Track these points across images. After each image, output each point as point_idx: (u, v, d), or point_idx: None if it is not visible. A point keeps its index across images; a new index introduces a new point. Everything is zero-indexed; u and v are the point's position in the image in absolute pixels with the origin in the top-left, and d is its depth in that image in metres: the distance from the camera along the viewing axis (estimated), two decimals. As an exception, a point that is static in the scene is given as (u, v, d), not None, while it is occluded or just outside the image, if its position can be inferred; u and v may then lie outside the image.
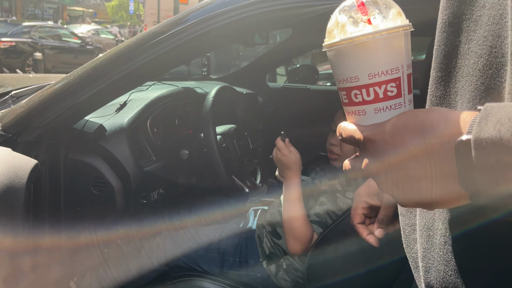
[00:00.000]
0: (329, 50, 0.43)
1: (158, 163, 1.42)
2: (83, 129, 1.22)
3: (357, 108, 0.43)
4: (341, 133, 0.45)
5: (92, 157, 1.25)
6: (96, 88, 1.13)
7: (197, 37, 1.07)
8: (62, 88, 1.15)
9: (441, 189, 0.36)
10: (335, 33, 0.42)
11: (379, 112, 0.42)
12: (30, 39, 10.11)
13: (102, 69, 1.13)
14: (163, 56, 1.10)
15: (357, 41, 0.41)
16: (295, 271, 1.38)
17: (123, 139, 1.27)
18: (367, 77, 0.41)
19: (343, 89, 0.44)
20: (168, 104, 1.56)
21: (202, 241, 1.50)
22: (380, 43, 0.41)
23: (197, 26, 1.07)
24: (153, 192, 1.41)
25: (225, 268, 1.45)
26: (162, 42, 1.09)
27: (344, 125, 0.44)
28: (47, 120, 1.13)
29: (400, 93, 0.42)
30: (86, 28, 17.32)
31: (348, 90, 0.43)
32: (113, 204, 1.26)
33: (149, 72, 1.19)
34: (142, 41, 1.11)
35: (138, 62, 1.10)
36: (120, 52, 1.14)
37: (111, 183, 1.25)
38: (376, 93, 0.42)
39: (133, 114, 1.37)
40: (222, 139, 1.46)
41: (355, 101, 0.43)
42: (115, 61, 1.13)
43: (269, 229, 1.43)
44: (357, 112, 0.43)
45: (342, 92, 0.44)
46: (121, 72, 1.12)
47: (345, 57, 0.42)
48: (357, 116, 0.43)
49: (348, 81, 0.42)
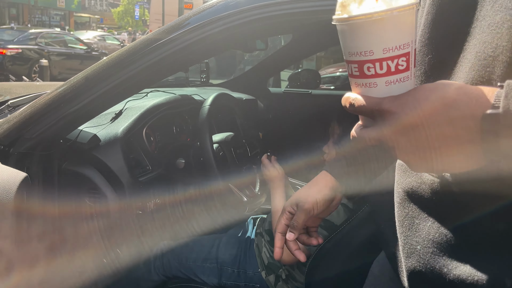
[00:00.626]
0: (343, 23, 0.45)
1: (154, 173, 1.40)
2: (77, 139, 1.20)
3: (369, 81, 0.45)
4: (352, 103, 0.46)
5: (86, 168, 1.23)
6: (90, 98, 1.11)
7: (194, 43, 1.05)
8: (55, 98, 1.13)
9: (457, 154, 0.41)
10: (352, 7, 0.44)
11: (390, 85, 0.44)
12: (37, 46, 10.17)
13: (96, 77, 1.11)
14: (158, 63, 1.07)
15: (376, 16, 0.42)
16: (294, 281, 1.35)
17: (117, 149, 1.26)
18: (381, 51, 0.43)
19: (354, 62, 0.45)
20: (165, 112, 1.55)
21: (200, 251, 1.47)
22: (396, 19, 0.43)
23: (194, 32, 1.04)
24: (149, 202, 1.39)
25: (224, 279, 1.42)
26: (158, 49, 1.07)
27: (355, 96, 0.46)
28: (39, 131, 1.11)
29: (409, 67, 0.45)
30: (92, 34, 17.45)
31: (361, 63, 0.44)
32: (108, 216, 1.24)
33: (145, 80, 1.17)
34: (137, 48, 1.09)
35: (134, 69, 1.08)
36: (114, 60, 1.12)
37: (106, 194, 1.23)
38: (389, 67, 0.44)
39: (128, 123, 1.35)
40: (219, 147, 1.43)
41: (367, 74, 0.45)
42: (109, 69, 1.11)
43: (268, 239, 1.41)
44: (368, 85, 0.45)
45: (353, 65, 0.46)
46: (116, 80, 1.10)
47: (361, 31, 0.44)
48: (367, 88, 0.45)
49: (361, 55, 0.44)
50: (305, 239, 0.86)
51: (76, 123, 1.17)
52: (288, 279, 1.36)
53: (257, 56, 4.69)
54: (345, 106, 0.48)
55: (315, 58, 12.70)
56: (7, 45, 9.60)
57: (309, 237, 0.87)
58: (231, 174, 1.44)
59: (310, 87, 2.83)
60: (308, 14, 0.99)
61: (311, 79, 2.99)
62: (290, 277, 1.36)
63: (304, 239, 0.86)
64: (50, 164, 1.21)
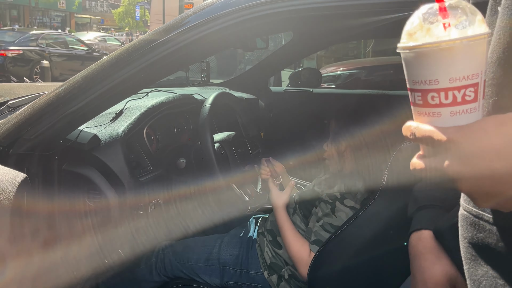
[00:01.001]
0: (409, 52, 0.44)
1: (155, 173, 1.39)
2: (77, 139, 1.19)
3: (432, 110, 0.44)
4: (413, 132, 0.45)
5: (86, 169, 1.22)
6: (89, 97, 1.10)
7: (193, 41, 1.04)
8: (54, 98, 1.12)
9: None
10: (418, 35, 0.43)
11: (455, 115, 0.43)
12: (38, 47, 10.17)
13: (95, 77, 1.10)
14: (158, 62, 1.06)
15: (444, 45, 0.41)
16: (297, 281, 1.34)
17: (118, 149, 1.25)
18: (448, 81, 0.42)
19: (418, 91, 0.44)
20: (166, 112, 1.54)
21: (202, 251, 1.47)
22: (466, 48, 0.42)
23: (194, 31, 1.03)
24: (150, 203, 1.38)
25: (226, 279, 1.41)
26: (157, 48, 1.05)
27: (417, 125, 0.45)
28: (39, 131, 1.10)
29: (477, 98, 0.43)
30: (93, 35, 17.46)
31: (425, 92, 0.44)
32: (109, 217, 1.23)
33: (145, 79, 1.16)
34: (137, 47, 1.08)
35: (133, 68, 1.07)
36: (113, 59, 1.11)
37: (107, 195, 1.22)
38: (455, 97, 0.43)
39: (129, 123, 1.34)
40: (220, 146, 1.42)
41: (431, 103, 0.44)
42: (109, 68, 1.10)
43: (270, 239, 1.40)
44: (432, 114, 0.44)
45: (416, 93, 0.45)
46: (115, 80, 1.08)
47: (428, 60, 0.43)
48: (430, 117, 0.44)
49: (426, 83, 0.43)
50: None
51: (76, 123, 1.16)
52: (291, 279, 1.35)
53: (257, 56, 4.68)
54: (406, 135, 0.46)
55: (315, 57, 12.70)
56: (8, 47, 9.59)
57: None
58: (232, 174, 1.43)
59: (311, 86, 2.82)
60: (308, 11, 0.98)
61: (312, 77, 2.97)
62: (292, 277, 1.35)
63: None
64: (50, 165, 1.20)
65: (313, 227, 1.26)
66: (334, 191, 1.25)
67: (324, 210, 1.24)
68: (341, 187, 1.25)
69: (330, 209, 1.23)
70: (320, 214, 1.25)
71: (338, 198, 1.23)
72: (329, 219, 1.22)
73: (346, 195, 1.23)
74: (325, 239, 1.19)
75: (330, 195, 1.25)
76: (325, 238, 1.19)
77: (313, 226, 1.26)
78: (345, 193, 1.24)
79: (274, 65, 2.55)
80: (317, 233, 1.23)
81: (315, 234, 1.23)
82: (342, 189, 1.25)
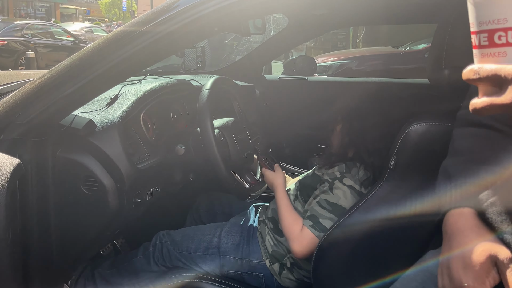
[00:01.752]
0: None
1: (153, 160, 1.34)
2: (71, 125, 1.14)
3: (498, 50, 0.45)
4: (477, 72, 0.46)
5: (81, 155, 1.17)
6: (83, 81, 1.05)
7: (186, 24, 1.00)
8: (47, 81, 1.07)
9: None
10: None
11: None
12: (23, 38, 9.94)
13: (89, 60, 1.06)
14: (153, 44, 1.02)
15: None
16: (300, 270, 1.32)
17: (114, 135, 1.20)
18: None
19: (485, 31, 0.46)
20: (162, 97, 1.49)
21: (201, 240, 1.43)
22: None
23: (186, 14, 0.99)
24: (148, 191, 1.34)
25: (226, 268, 1.38)
26: (151, 30, 1.01)
27: (481, 65, 0.46)
28: (31, 116, 1.05)
29: None
30: (79, 25, 17.15)
31: (492, 31, 0.45)
32: (106, 205, 1.19)
33: (140, 62, 1.11)
34: (132, 29, 1.03)
35: (128, 51, 1.03)
36: (108, 41, 1.06)
37: (103, 182, 1.17)
38: None
39: (125, 108, 1.29)
40: (220, 132, 1.38)
41: (497, 43, 0.45)
42: (103, 50, 1.05)
43: (271, 226, 1.37)
44: (497, 54, 0.45)
45: (482, 35, 0.46)
46: (110, 63, 1.04)
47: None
48: (495, 57, 0.45)
49: (494, 23, 0.45)
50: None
51: (70, 108, 1.11)
52: (293, 268, 1.32)
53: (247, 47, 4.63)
54: (467, 79, 0.47)
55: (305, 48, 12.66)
56: None
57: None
58: (232, 160, 1.40)
59: (306, 74, 2.78)
60: None
61: (306, 66, 2.94)
62: (295, 266, 1.32)
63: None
64: (43, 151, 1.15)
65: (309, 204, 1.26)
66: (334, 170, 1.26)
67: (322, 188, 1.25)
68: (341, 167, 1.25)
69: (328, 187, 1.24)
70: (318, 192, 1.26)
71: (338, 177, 1.24)
72: (326, 196, 1.23)
73: (346, 174, 1.23)
74: (321, 215, 1.20)
75: (330, 175, 1.26)
76: (319, 214, 1.20)
77: (309, 203, 1.26)
78: (345, 172, 1.23)
79: (268, 53, 2.50)
80: (312, 209, 1.23)
81: (310, 210, 1.23)
82: (342, 169, 1.25)
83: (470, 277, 0.60)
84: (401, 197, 1.04)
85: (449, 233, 0.66)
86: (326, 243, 1.14)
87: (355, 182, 1.23)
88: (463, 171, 0.71)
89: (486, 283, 0.59)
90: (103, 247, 1.63)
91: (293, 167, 2.31)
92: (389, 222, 1.06)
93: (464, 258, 0.61)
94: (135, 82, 1.58)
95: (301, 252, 1.20)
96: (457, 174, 0.72)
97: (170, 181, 1.45)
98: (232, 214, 1.62)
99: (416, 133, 0.99)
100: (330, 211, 1.20)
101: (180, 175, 1.46)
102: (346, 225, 1.11)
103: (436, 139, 0.97)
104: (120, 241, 1.69)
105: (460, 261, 0.62)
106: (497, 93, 0.46)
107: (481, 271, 0.59)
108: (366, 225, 1.10)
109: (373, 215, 1.09)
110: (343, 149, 1.30)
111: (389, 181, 1.07)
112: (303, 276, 1.33)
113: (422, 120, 0.99)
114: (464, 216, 0.66)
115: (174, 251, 1.43)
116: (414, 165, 1.02)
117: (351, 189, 1.22)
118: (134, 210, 1.29)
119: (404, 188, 1.05)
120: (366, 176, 1.24)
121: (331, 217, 1.19)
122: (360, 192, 1.22)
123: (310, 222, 1.20)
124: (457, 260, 0.62)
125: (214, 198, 1.76)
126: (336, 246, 1.13)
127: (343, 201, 1.20)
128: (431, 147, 0.97)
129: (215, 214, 1.71)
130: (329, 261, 1.15)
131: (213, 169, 1.29)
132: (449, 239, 0.66)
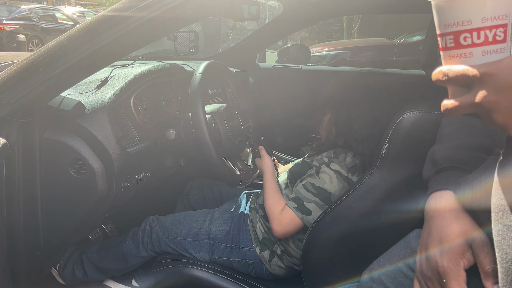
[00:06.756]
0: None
1: (143, 144, 1.32)
2: (60, 106, 1.12)
3: (464, 51, 0.46)
4: (445, 74, 0.47)
5: (70, 137, 1.15)
6: (72, 61, 1.02)
7: (179, 5, 0.97)
8: (35, 61, 1.04)
9: None
10: None
11: (486, 55, 0.45)
12: (30, 22, 10.16)
13: (79, 39, 1.03)
14: (145, 24, 0.99)
15: None
16: (290, 257, 1.32)
17: (104, 117, 1.17)
18: (480, 20, 0.45)
19: (450, 33, 0.47)
20: (154, 81, 1.46)
21: (191, 226, 1.42)
22: None
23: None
24: (138, 175, 1.32)
25: (216, 255, 1.37)
26: (143, 10, 0.98)
27: (449, 67, 0.47)
28: (18, 95, 1.03)
29: (505, 39, 0.46)
30: (71, 10, 16.88)
31: (457, 33, 0.46)
32: (94, 188, 1.17)
33: (131, 43, 1.08)
34: (125, 8, 1.00)
35: (118, 31, 1.00)
36: (98, 21, 1.03)
37: (92, 165, 1.15)
38: (486, 37, 0.45)
39: (115, 91, 1.26)
40: (211, 118, 1.36)
41: (463, 44, 0.46)
42: (92, 30, 1.02)
43: (262, 213, 1.36)
44: (463, 55, 0.47)
45: (448, 37, 0.47)
46: (99, 43, 1.01)
47: (461, 1, 0.45)
48: (462, 58, 0.47)
49: (459, 25, 0.46)
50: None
51: (58, 89, 1.09)
52: (283, 255, 1.32)
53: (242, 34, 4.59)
54: (437, 80, 0.49)
55: (299, 38, 12.59)
56: (4, 21, 9.54)
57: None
58: (223, 146, 1.38)
59: (300, 62, 2.77)
60: None
61: (301, 54, 2.92)
62: (285, 253, 1.32)
63: None
64: (31, 133, 1.12)
65: (295, 187, 1.27)
66: (323, 156, 1.27)
67: (309, 172, 1.26)
68: (330, 152, 1.26)
69: (314, 170, 1.25)
70: (305, 176, 1.26)
71: (325, 162, 1.25)
72: (312, 179, 1.23)
73: (334, 159, 1.24)
74: (305, 199, 1.21)
75: (319, 160, 1.27)
76: (304, 197, 1.22)
77: (296, 185, 1.28)
78: (333, 157, 1.24)
79: (262, 40, 2.47)
80: (297, 191, 1.24)
81: (295, 192, 1.24)
82: (331, 154, 1.26)
83: (445, 258, 0.62)
84: (393, 185, 1.03)
85: (430, 214, 0.68)
86: (316, 230, 1.13)
87: (342, 167, 1.23)
88: (446, 156, 0.74)
89: (460, 264, 0.60)
90: (92, 232, 1.61)
91: (285, 155, 2.31)
92: (380, 210, 1.06)
93: (441, 240, 0.63)
94: (126, 65, 1.55)
95: (280, 231, 1.21)
96: (441, 159, 0.74)
97: (160, 166, 1.43)
98: (222, 200, 1.61)
99: (408, 121, 0.98)
100: (315, 195, 1.20)
101: (170, 160, 1.44)
102: (336, 213, 1.10)
103: (428, 127, 0.96)
104: (109, 226, 1.67)
105: (437, 242, 0.63)
106: (466, 93, 0.47)
107: (456, 252, 0.61)
108: (357, 213, 1.09)
109: (364, 203, 1.08)
110: (332, 138, 1.30)
111: (381, 169, 1.06)
112: (292, 263, 1.32)
113: (416, 108, 0.98)
114: (444, 198, 0.67)
115: (164, 236, 1.42)
116: (406, 153, 1.01)
117: (338, 174, 1.22)
118: (123, 194, 1.28)
119: (395, 176, 1.04)
120: (354, 163, 1.24)
121: (316, 200, 1.19)
122: (347, 178, 1.22)
123: (294, 204, 1.21)
124: (434, 241, 0.64)
125: (205, 184, 1.74)
126: (326, 233, 1.12)
127: (328, 185, 1.20)
128: (423, 136, 0.96)
129: (205, 201, 1.70)
130: (318, 248, 1.15)
131: (204, 154, 1.27)
132: (429, 220, 0.67)
